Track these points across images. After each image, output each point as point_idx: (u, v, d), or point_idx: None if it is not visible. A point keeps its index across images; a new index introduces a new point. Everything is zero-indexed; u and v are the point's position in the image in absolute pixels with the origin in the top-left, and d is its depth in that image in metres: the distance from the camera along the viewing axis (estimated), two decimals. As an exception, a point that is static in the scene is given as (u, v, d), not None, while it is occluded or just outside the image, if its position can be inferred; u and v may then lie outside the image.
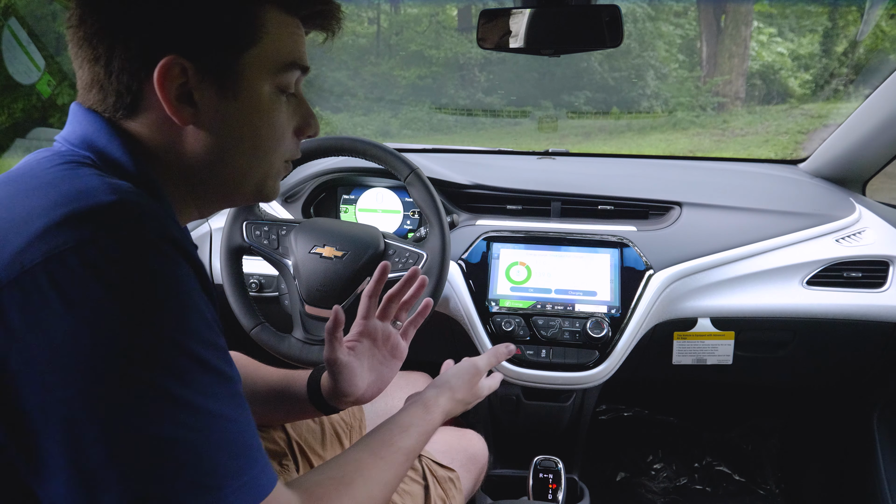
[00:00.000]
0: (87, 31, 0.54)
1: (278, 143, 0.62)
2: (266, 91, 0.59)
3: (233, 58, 0.56)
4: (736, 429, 1.87)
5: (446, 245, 1.12)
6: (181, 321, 0.47)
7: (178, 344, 0.46)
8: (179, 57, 0.54)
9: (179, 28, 0.54)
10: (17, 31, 1.38)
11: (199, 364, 0.47)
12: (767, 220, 1.34)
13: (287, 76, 0.60)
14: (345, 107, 7.56)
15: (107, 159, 0.55)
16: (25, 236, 0.45)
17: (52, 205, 0.47)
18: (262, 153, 0.61)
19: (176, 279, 0.48)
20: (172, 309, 0.47)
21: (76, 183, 0.49)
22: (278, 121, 0.61)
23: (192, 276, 0.50)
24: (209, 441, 0.46)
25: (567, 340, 1.23)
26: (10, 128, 2.14)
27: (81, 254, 0.44)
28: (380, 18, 8.35)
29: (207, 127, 0.57)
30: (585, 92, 8.00)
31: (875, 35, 4.95)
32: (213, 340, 0.49)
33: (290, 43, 0.60)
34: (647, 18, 7.89)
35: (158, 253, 0.47)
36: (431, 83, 8.22)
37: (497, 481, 1.43)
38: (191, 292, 0.49)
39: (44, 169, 0.52)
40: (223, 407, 0.48)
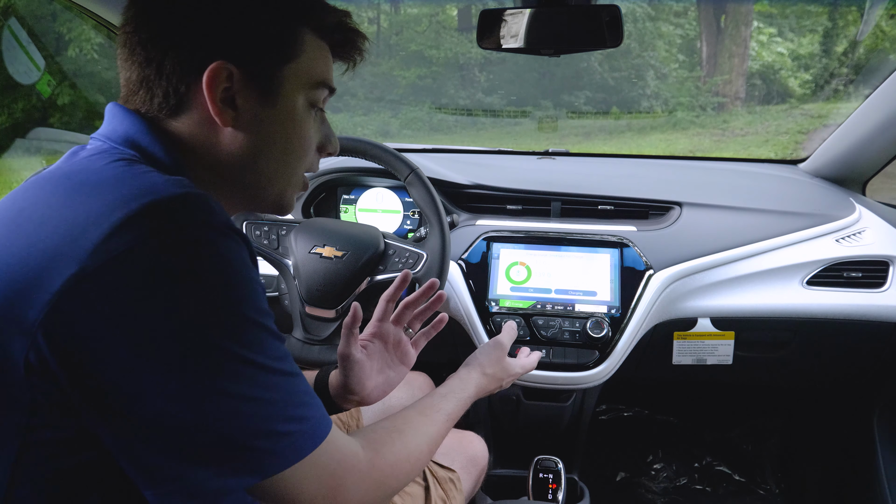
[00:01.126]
0: (143, 35, 0.58)
1: (305, 152, 0.67)
2: (300, 103, 0.64)
3: (275, 68, 0.61)
4: (736, 429, 1.87)
5: (446, 245, 1.12)
6: (248, 297, 0.52)
7: (248, 317, 0.51)
8: (227, 63, 0.58)
9: (229, 37, 0.59)
10: (17, 31, 1.38)
11: (265, 331, 0.53)
12: (767, 220, 1.34)
13: (318, 93, 0.66)
14: (345, 107, 7.57)
15: (149, 157, 0.58)
16: (107, 227, 0.48)
17: (126, 198, 0.50)
18: (290, 160, 0.66)
19: (241, 261, 0.52)
20: (241, 287, 0.51)
21: (142, 179, 0.53)
22: (307, 132, 0.66)
23: (248, 257, 0.54)
24: (281, 394, 0.53)
25: (567, 340, 1.23)
26: (10, 128, 2.14)
27: (162, 241, 0.48)
28: (380, 18, 8.35)
29: (245, 129, 0.61)
30: (585, 92, 8.01)
31: (875, 35, 4.96)
32: (268, 310, 0.55)
33: (322, 63, 0.66)
34: (647, 18, 7.90)
35: (226, 238, 0.52)
36: (431, 83, 8.23)
37: (497, 481, 1.43)
38: (251, 271, 0.54)
39: (99, 166, 0.55)
40: (286, 365, 0.55)
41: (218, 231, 0.51)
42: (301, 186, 0.70)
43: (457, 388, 0.83)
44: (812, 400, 1.71)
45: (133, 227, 0.48)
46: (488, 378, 0.89)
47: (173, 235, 0.49)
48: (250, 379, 0.51)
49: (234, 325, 0.50)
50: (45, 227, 0.49)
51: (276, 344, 0.54)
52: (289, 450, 0.53)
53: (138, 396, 0.47)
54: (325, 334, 1.14)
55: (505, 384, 0.92)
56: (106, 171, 0.54)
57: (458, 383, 0.85)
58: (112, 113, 0.61)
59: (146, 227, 0.48)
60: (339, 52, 0.69)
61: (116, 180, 0.53)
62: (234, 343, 0.50)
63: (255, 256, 0.57)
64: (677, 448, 1.85)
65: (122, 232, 0.48)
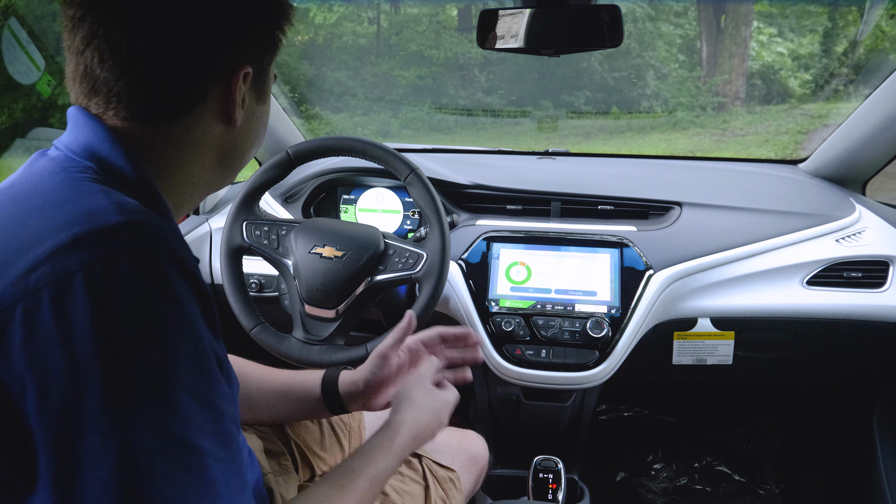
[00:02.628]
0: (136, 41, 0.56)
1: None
2: (270, 88, 0.67)
3: (267, 65, 0.64)
4: (736, 429, 1.87)
5: (446, 245, 1.12)
6: (181, 354, 0.47)
7: (177, 379, 0.46)
8: (248, 66, 0.60)
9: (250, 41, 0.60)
10: (17, 31, 1.38)
11: (196, 400, 0.47)
12: (767, 220, 1.34)
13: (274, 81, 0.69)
14: (345, 107, 7.56)
15: (109, 168, 0.55)
16: (32, 258, 0.45)
17: (59, 226, 0.46)
18: (257, 146, 0.69)
19: (179, 308, 0.48)
20: (173, 341, 0.47)
21: (84, 202, 0.49)
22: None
23: (194, 302, 0.50)
24: (196, 479, 0.46)
25: (567, 340, 1.23)
26: (10, 128, 2.14)
27: (87, 277, 0.44)
28: (380, 18, 8.35)
29: (241, 126, 0.63)
30: (585, 92, 8.00)
31: (875, 35, 4.96)
32: (209, 372, 0.49)
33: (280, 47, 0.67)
34: (647, 18, 7.89)
35: (163, 279, 0.47)
36: (431, 83, 8.22)
37: (497, 481, 1.43)
38: (193, 321, 0.49)
39: (46, 185, 0.52)
40: (213, 446, 0.48)
41: (153, 269, 0.47)
42: None
43: (385, 440, 0.74)
44: (812, 400, 1.71)
45: (57, 260, 0.44)
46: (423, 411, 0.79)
47: (100, 271, 0.45)
48: (163, 453, 0.45)
49: (154, 385, 0.45)
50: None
51: (208, 417, 0.48)
52: None
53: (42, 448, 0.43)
54: (325, 334, 1.14)
55: (450, 409, 0.84)
56: (50, 191, 0.50)
57: (383, 434, 0.75)
58: (74, 119, 0.57)
59: (72, 259, 0.45)
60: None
61: (55, 204, 0.49)
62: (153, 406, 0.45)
63: (208, 295, 0.52)
64: (677, 448, 1.85)
65: (46, 264, 0.44)
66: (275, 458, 0.91)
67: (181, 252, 0.50)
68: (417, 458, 1.02)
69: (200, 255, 1.44)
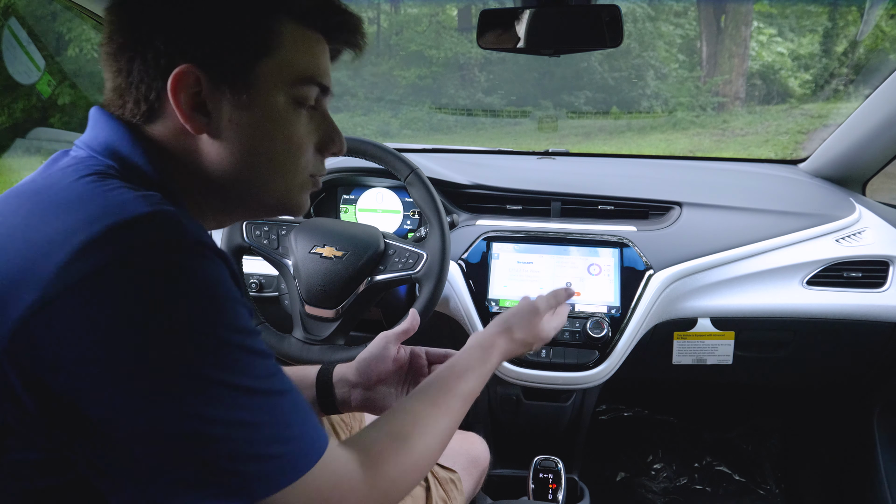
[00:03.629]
0: (112, 46, 0.57)
1: (297, 156, 0.62)
2: (280, 102, 0.59)
3: (246, 67, 0.57)
4: (736, 429, 1.87)
5: (446, 245, 1.12)
6: (223, 318, 0.49)
7: (225, 339, 0.49)
8: (194, 66, 0.55)
9: (193, 37, 0.55)
10: (17, 31, 1.38)
11: (247, 352, 0.50)
12: (767, 220, 1.34)
13: (303, 89, 0.61)
14: (345, 107, 7.56)
15: (129, 167, 0.56)
16: (67, 251, 0.45)
17: (90, 219, 0.47)
18: (279, 165, 0.61)
19: (217, 280, 0.50)
20: (217, 308, 0.49)
21: (111, 196, 0.50)
22: (294, 133, 0.61)
23: (227, 274, 0.52)
24: (267, 415, 0.50)
25: (567, 340, 1.23)
26: (10, 128, 2.14)
27: (125, 267, 0.46)
28: (380, 18, 8.35)
29: (222, 137, 0.58)
30: (585, 92, 8.01)
31: (875, 35, 4.96)
32: (252, 328, 0.52)
33: (306, 56, 0.60)
34: (647, 18, 7.90)
35: (199, 258, 0.49)
36: (431, 83, 8.23)
37: (497, 481, 1.43)
38: (227, 289, 0.51)
39: (69, 182, 0.52)
40: (274, 383, 0.52)
41: (188, 251, 0.48)
42: (307, 187, 0.66)
43: (477, 362, 0.76)
44: (812, 400, 1.71)
45: (94, 252, 0.45)
46: (515, 343, 0.83)
47: (138, 258, 0.46)
48: (231, 402, 0.48)
49: (209, 349, 0.48)
50: (8, 250, 0.47)
51: (261, 363, 0.52)
52: (277, 473, 0.50)
53: (111, 423, 0.45)
54: (325, 334, 1.14)
55: (535, 349, 0.88)
56: (75, 187, 0.51)
57: (479, 354, 0.77)
58: (94, 118, 0.58)
59: (108, 251, 0.46)
60: (336, 39, 0.64)
61: (82, 199, 0.50)
62: (210, 367, 0.47)
63: (238, 273, 0.54)
64: (677, 448, 1.85)
65: (85, 256, 0.45)
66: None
67: (206, 239, 0.51)
68: None
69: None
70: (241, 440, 0.48)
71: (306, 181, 0.65)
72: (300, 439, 0.52)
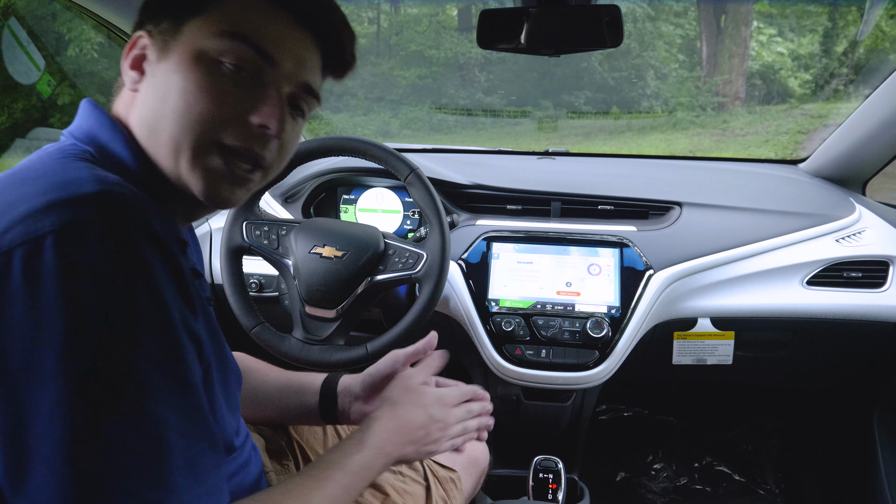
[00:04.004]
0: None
1: (207, 112, 0.57)
2: (194, 53, 0.57)
3: (177, 25, 0.58)
4: (736, 429, 1.87)
5: (446, 245, 1.12)
6: (147, 322, 0.47)
7: (141, 346, 0.47)
8: (143, 31, 0.59)
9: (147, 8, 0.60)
10: (17, 31, 1.38)
11: (162, 370, 0.48)
12: (767, 220, 1.34)
13: (222, 43, 0.57)
14: (345, 107, 7.56)
15: (108, 154, 0.57)
16: (7, 220, 0.46)
17: (38, 192, 0.48)
18: (188, 120, 0.57)
19: (147, 277, 0.48)
20: (139, 309, 0.47)
21: (65, 174, 0.51)
22: (207, 87, 0.57)
23: (167, 276, 0.50)
24: (152, 448, 0.46)
25: (567, 340, 1.23)
26: (10, 128, 2.14)
27: (56, 239, 0.45)
28: (380, 18, 8.35)
29: (148, 90, 0.59)
30: (585, 92, 8.01)
31: (875, 35, 4.96)
32: (179, 345, 0.49)
33: (240, 13, 0.58)
34: (647, 18, 7.90)
35: (133, 246, 0.48)
36: (431, 83, 8.23)
37: (497, 481, 1.43)
38: (163, 293, 0.49)
39: (42, 161, 0.54)
40: (177, 419, 0.48)
41: (124, 236, 0.47)
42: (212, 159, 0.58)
43: (356, 434, 0.71)
44: (812, 400, 1.71)
45: (30, 223, 0.46)
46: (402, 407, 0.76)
47: (70, 235, 0.45)
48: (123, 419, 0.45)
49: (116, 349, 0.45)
50: None
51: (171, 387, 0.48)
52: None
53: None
54: (325, 334, 1.14)
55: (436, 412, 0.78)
56: (42, 164, 0.53)
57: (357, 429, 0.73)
58: (81, 109, 0.61)
59: (42, 223, 0.45)
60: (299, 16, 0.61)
61: (42, 174, 0.51)
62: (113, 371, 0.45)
63: (183, 276, 0.52)
64: (677, 448, 1.85)
65: (20, 226, 0.45)
66: (276, 458, 0.91)
67: (158, 228, 0.50)
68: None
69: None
70: (102, 458, 0.44)
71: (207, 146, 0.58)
72: (173, 493, 0.47)
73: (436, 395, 0.80)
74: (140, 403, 0.46)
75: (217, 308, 1.36)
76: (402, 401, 0.77)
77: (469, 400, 0.85)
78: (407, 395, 0.78)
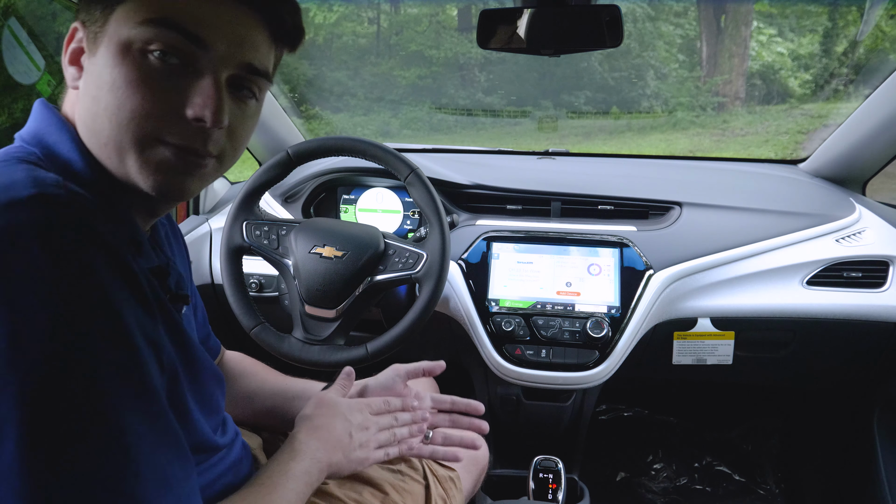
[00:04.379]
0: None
1: (140, 109, 0.54)
2: (120, 44, 0.53)
3: (105, 14, 0.55)
4: (736, 429, 1.87)
5: (446, 245, 1.12)
6: (93, 324, 0.46)
7: (90, 349, 0.45)
8: (79, 20, 0.56)
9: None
10: (17, 31, 1.38)
11: (117, 373, 0.46)
12: (767, 220, 1.34)
13: (146, 31, 0.53)
14: (345, 107, 7.56)
15: (53, 156, 0.55)
16: None
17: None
18: (123, 119, 0.54)
19: (91, 279, 0.46)
20: (86, 311, 0.45)
21: (2, 178, 0.49)
22: (135, 81, 0.53)
23: (114, 277, 0.48)
24: (113, 452, 0.45)
25: (567, 340, 1.23)
26: (9, 128, 2.14)
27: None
28: (380, 18, 8.35)
29: (84, 89, 0.56)
30: (585, 92, 8.00)
31: (875, 35, 4.95)
32: (133, 347, 0.48)
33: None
34: (647, 18, 7.89)
35: (73, 249, 0.46)
36: (431, 83, 8.22)
37: (497, 481, 1.43)
38: (109, 294, 0.47)
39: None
40: (139, 423, 0.47)
41: (58, 241, 0.45)
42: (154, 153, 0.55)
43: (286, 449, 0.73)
44: (812, 400, 1.71)
45: None
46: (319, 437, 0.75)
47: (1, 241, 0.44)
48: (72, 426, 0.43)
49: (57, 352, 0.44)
50: None
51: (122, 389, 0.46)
52: None
53: None
54: (325, 334, 1.14)
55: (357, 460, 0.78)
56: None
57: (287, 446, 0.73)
58: (33, 109, 0.59)
59: None
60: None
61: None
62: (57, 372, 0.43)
63: (132, 276, 0.50)
64: (677, 448, 1.85)
65: None
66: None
67: (101, 229, 0.48)
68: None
69: (200, 255, 1.44)
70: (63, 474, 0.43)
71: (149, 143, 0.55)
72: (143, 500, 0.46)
73: (351, 404, 0.81)
74: (99, 413, 0.45)
75: (217, 308, 1.36)
76: (317, 413, 0.78)
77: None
78: (320, 408, 0.79)
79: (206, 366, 0.67)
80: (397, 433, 0.85)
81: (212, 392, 0.69)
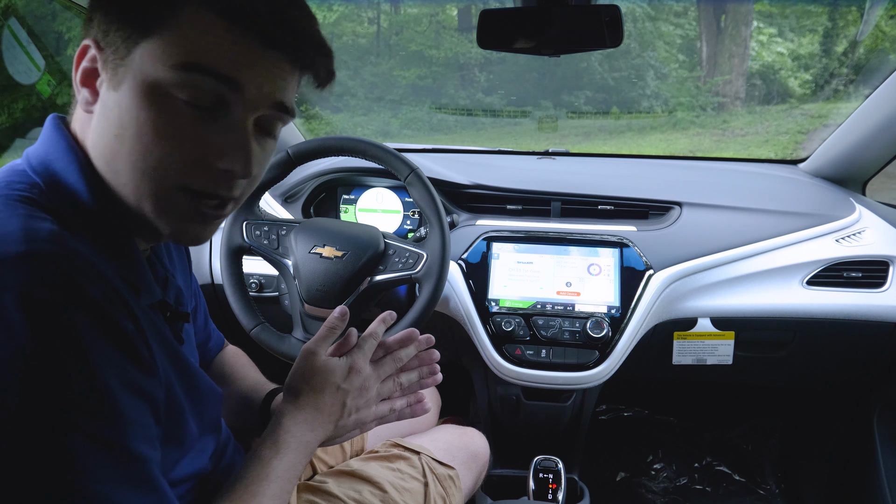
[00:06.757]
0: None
1: (167, 158, 0.52)
2: (147, 85, 0.51)
3: (127, 44, 0.52)
4: (736, 429, 1.87)
5: (446, 245, 1.12)
6: (72, 393, 0.44)
7: (67, 420, 0.44)
8: (93, 41, 0.53)
9: (94, 12, 0.54)
10: (17, 31, 1.38)
11: (94, 444, 0.45)
12: (767, 220, 1.34)
13: (177, 76, 0.51)
14: (345, 107, 7.56)
15: (59, 186, 0.53)
16: None
17: None
18: (148, 167, 0.53)
19: (70, 345, 0.45)
20: (62, 379, 0.44)
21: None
22: (163, 128, 0.52)
23: (99, 339, 0.47)
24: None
25: (567, 340, 1.23)
26: (10, 128, 2.14)
27: None
28: (380, 18, 8.34)
29: (102, 119, 0.54)
30: (585, 92, 8.00)
31: (875, 35, 4.95)
32: (116, 414, 0.47)
33: (194, 39, 0.51)
34: (647, 18, 7.89)
35: (57, 314, 0.45)
36: (431, 83, 8.22)
37: (497, 481, 1.43)
38: (91, 359, 0.46)
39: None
40: (122, 491, 0.46)
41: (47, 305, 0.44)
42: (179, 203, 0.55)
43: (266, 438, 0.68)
44: (812, 400, 1.71)
45: None
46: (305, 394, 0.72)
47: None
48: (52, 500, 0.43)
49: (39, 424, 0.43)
50: None
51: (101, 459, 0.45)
52: None
53: None
54: (325, 334, 1.14)
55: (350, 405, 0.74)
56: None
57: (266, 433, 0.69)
58: (45, 127, 0.56)
59: None
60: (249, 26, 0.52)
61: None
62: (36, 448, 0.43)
63: (119, 328, 0.48)
64: (677, 448, 1.85)
65: None
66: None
67: (88, 288, 0.47)
68: (416, 454, 1.02)
69: (200, 256, 1.44)
70: None
71: (171, 191, 0.54)
72: None
73: (338, 365, 0.74)
74: (75, 483, 0.44)
75: (217, 308, 1.36)
76: (303, 388, 0.72)
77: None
78: (305, 379, 0.73)
79: (206, 388, 0.67)
80: (409, 378, 0.80)
81: (212, 411, 0.69)
